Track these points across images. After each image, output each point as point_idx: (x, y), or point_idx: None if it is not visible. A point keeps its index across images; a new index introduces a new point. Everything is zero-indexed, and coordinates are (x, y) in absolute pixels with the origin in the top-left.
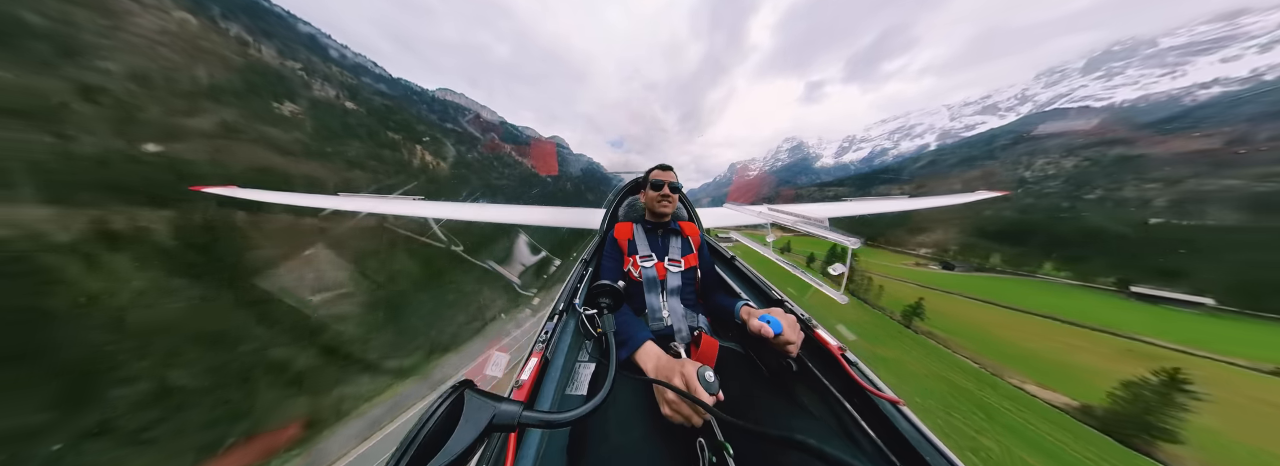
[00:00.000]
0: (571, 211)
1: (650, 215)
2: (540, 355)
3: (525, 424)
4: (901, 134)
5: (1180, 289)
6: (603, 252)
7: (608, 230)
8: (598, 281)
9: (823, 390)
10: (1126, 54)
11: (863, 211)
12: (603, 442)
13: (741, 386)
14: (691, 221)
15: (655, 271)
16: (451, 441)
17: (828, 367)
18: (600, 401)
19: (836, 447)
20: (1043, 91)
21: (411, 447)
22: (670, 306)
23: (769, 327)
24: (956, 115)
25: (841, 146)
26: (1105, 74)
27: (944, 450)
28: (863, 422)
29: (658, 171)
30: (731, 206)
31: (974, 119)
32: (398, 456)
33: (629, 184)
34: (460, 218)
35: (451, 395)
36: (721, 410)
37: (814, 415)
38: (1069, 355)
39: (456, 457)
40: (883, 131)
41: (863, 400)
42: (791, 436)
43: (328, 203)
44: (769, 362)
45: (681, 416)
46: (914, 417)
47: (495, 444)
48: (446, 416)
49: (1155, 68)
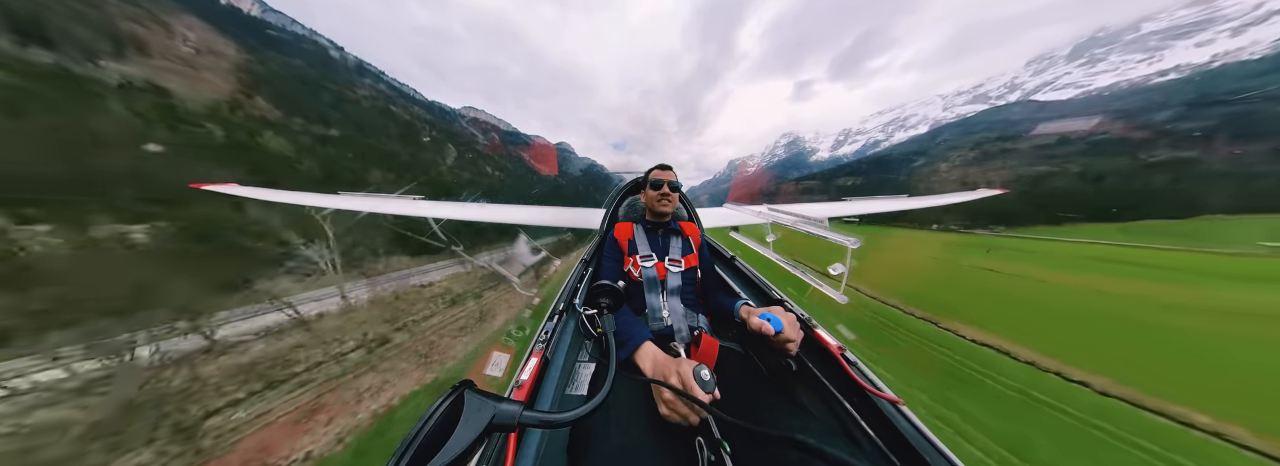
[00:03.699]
0: (571, 211)
1: (650, 215)
2: (540, 355)
3: (525, 424)
4: (896, 125)
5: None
6: (603, 252)
7: (608, 230)
8: (598, 281)
9: (822, 389)
10: (1110, 40)
11: (863, 211)
12: (603, 442)
13: (741, 386)
14: (691, 221)
15: (655, 271)
16: (451, 441)
17: (827, 367)
18: (600, 401)
19: (836, 447)
20: (1031, 79)
21: (411, 447)
22: (670, 306)
23: (769, 325)
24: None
25: (837, 139)
26: (1089, 60)
27: (944, 450)
28: (862, 422)
29: (657, 171)
30: (731, 206)
31: (966, 108)
32: (398, 456)
33: (629, 184)
34: (460, 217)
35: (451, 395)
36: (718, 408)
37: (814, 414)
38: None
39: (456, 457)
40: (878, 124)
41: (862, 399)
42: (791, 435)
43: (328, 202)
44: (768, 362)
45: (679, 415)
46: (914, 417)
47: (495, 444)
48: (446, 416)
49: (1136, 53)
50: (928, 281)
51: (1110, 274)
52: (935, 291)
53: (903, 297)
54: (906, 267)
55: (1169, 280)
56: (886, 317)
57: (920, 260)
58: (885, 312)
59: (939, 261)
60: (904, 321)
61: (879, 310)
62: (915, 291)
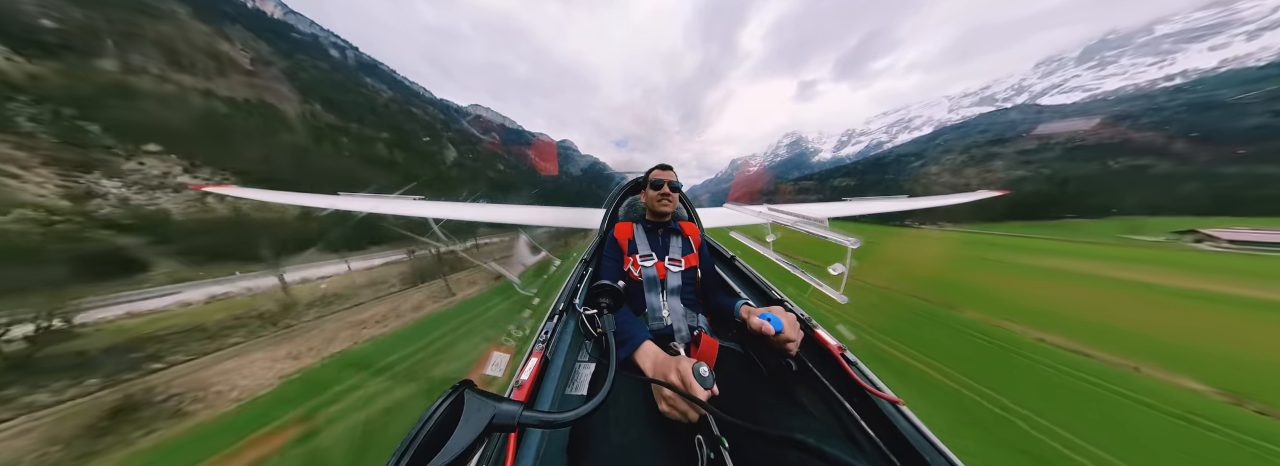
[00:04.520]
0: (572, 211)
1: (650, 215)
2: (540, 355)
3: (525, 424)
4: (900, 127)
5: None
6: (603, 252)
7: (608, 230)
8: (598, 281)
9: (822, 389)
10: (1121, 42)
11: (863, 211)
12: (603, 442)
13: (741, 385)
14: (692, 221)
15: (655, 271)
16: (451, 441)
17: (827, 367)
18: (600, 401)
19: (836, 447)
20: (1039, 81)
21: (411, 447)
22: (670, 306)
23: (769, 325)
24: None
25: (841, 140)
26: (1099, 63)
27: (944, 450)
28: (862, 422)
29: (657, 171)
30: (731, 206)
31: (971, 110)
32: (398, 456)
33: (629, 184)
34: (460, 217)
35: (451, 395)
36: (717, 405)
37: (813, 414)
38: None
39: (456, 457)
40: (882, 125)
41: (862, 399)
42: (790, 435)
43: (328, 202)
44: (768, 362)
45: (678, 412)
46: (913, 417)
47: (495, 444)
48: (446, 416)
49: (1147, 56)
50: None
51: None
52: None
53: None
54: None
55: (1022, 251)
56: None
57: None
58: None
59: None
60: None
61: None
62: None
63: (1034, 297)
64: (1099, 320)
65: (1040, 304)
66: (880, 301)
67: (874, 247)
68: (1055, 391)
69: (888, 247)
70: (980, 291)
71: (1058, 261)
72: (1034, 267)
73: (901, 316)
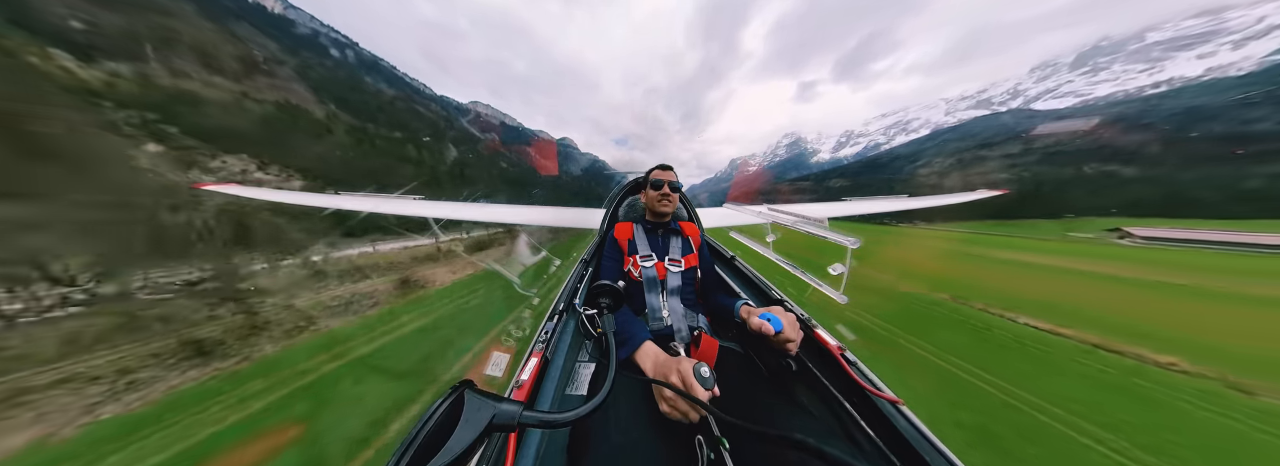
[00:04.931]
0: (572, 211)
1: (650, 215)
2: (540, 355)
3: (525, 424)
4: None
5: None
6: (603, 252)
7: (608, 230)
8: (598, 281)
9: (822, 389)
10: (1113, 49)
11: (863, 211)
12: (603, 442)
13: (741, 386)
14: (692, 221)
15: (655, 271)
16: (451, 441)
17: (827, 367)
18: (600, 401)
19: (835, 447)
20: (1034, 86)
21: (411, 447)
22: (670, 306)
23: (769, 325)
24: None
25: (839, 141)
26: (1091, 69)
27: (944, 449)
28: (862, 422)
29: (658, 171)
30: (731, 206)
31: (968, 113)
32: (398, 456)
33: (629, 184)
34: (460, 217)
35: (451, 395)
36: (717, 405)
37: (813, 414)
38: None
39: (456, 457)
40: (880, 126)
41: (862, 399)
42: (790, 435)
43: (328, 202)
44: (768, 362)
45: (679, 412)
46: (913, 417)
47: (495, 444)
48: (446, 416)
49: (1138, 63)
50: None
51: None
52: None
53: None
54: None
55: (988, 245)
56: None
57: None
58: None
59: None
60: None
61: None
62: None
63: (988, 280)
64: (1026, 295)
65: (993, 285)
66: (865, 285)
67: (863, 243)
68: (989, 347)
69: (871, 243)
70: (951, 278)
71: (1012, 254)
72: (993, 259)
73: (884, 296)
